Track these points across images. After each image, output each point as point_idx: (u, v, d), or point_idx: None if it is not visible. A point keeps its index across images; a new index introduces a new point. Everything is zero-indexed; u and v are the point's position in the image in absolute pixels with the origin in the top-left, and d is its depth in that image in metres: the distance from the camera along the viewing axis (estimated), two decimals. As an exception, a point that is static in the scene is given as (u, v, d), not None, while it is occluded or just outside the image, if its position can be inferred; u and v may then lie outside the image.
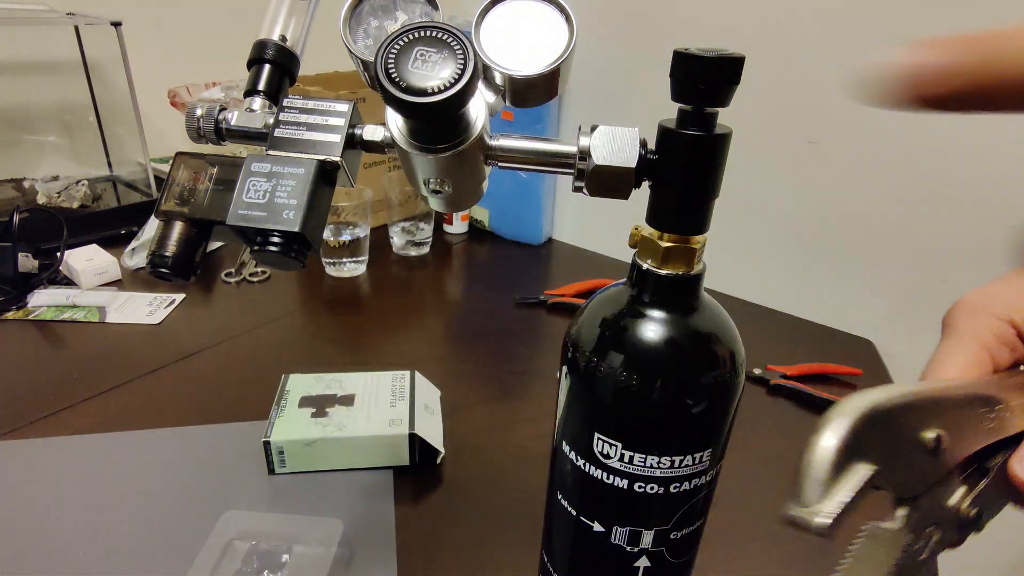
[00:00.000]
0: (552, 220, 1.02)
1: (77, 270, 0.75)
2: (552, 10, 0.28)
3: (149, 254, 0.29)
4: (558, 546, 0.33)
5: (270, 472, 0.50)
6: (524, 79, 0.27)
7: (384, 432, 0.49)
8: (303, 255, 0.29)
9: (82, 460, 0.50)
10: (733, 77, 0.23)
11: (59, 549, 0.43)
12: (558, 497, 0.31)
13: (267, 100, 0.32)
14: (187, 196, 0.30)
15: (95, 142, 1.00)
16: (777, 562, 0.45)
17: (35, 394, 0.58)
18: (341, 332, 0.73)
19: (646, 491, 0.27)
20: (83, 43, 0.94)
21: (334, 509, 0.47)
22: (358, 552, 0.43)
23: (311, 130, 0.30)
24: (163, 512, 0.46)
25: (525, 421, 0.58)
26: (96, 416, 0.56)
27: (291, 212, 0.28)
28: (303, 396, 0.53)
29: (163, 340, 0.68)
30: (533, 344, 0.72)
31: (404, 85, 0.23)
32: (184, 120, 0.32)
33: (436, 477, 0.51)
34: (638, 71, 0.86)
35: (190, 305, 0.75)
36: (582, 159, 0.27)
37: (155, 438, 0.53)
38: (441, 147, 0.27)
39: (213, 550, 0.41)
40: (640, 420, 0.26)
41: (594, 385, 0.27)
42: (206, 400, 0.59)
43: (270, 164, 0.29)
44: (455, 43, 0.24)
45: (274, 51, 0.33)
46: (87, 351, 0.65)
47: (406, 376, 0.56)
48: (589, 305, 0.29)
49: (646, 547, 0.29)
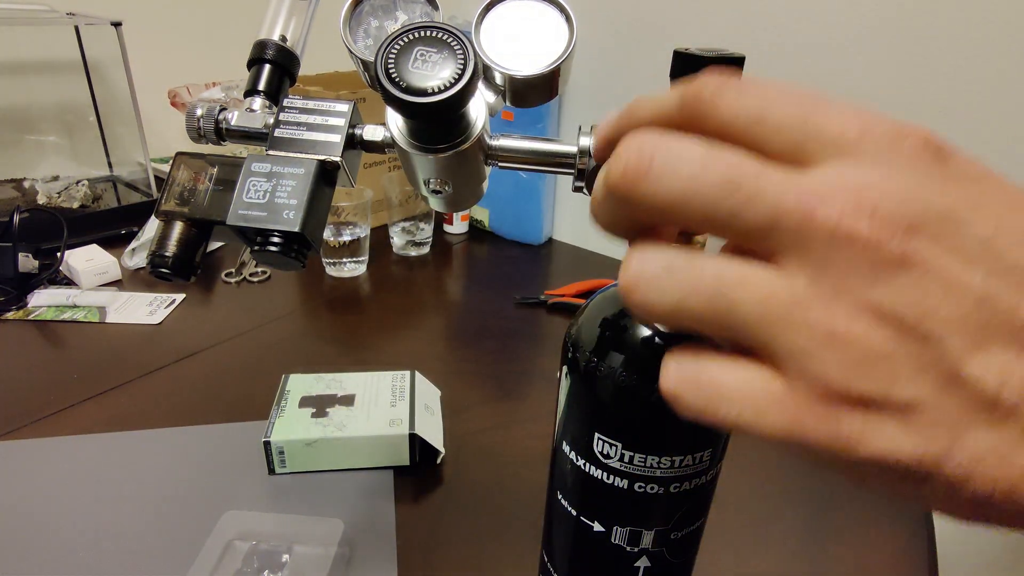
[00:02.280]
0: (552, 220, 1.02)
1: (77, 270, 0.75)
2: (552, 10, 0.28)
3: (149, 254, 0.29)
4: (558, 546, 0.33)
5: (270, 472, 0.50)
6: (524, 79, 0.27)
7: (384, 432, 0.49)
8: (303, 255, 0.29)
9: (82, 460, 0.50)
10: (733, 77, 0.23)
11: (59, 549, 0.43)
12: (558, 497, 0.31)
13: (267, 100, 0.32)
14: (187, 196, 0.30)
15: (95, 142, 1.00)
16: (777, 562, 0.45)
17: (35, 394, 0.58)
18: (341, 332, 0.73)
19: (646, 491, 0.27)
20: (83, 43, 0.94)
21: (334, 509, 0.47)
22: (358, 552, 0.43)
23: (311, 130, 0.30)
24: (163, 512, 0.46)
25: (525, 421, 0.58)
26: (96, 416, 0.56)
27: (291, 212, 0.28)
28: (303, 396, 0.53)
29: (163, 340, 0.68)
30: (533, 344, 0.72)
31: (404, 85, 0.23)
32: (184, 120, 0.32)
33: (436, 477, 0.51)
34: (638, 71, 0.86)
35: (190, 305, 0.75)
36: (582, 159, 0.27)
37: (155, 438, 0.53)
38: (441, 147, 0.27)
39: (213, 550, 0.41)
40: (640, 420, 0.26)
41: (594, 385, 0.27)
42: (206, 400, 0.59)
43: (270, 164, 0.29)
44: (455, 43, 0.24)
45: (274, 51, 0.33)
46: (87, 351, 0.65)
47: (406, 376, 0.56)
48: (589, 305, 0.29)
49: (646, 547, 0.29)
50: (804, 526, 0.48)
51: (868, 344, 0.13)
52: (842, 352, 0.14)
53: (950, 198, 0.14)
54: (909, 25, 0.65)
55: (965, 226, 0.14)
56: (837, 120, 0.15)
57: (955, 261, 0.13)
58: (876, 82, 0.68)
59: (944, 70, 0.64)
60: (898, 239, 0.13)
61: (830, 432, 0.14)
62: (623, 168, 0.15)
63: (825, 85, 0.72)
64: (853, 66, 0.69)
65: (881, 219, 0.13)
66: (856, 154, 0.14)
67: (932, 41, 0.64)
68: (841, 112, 0.15)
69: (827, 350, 0.14)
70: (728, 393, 0.15)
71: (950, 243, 0.13)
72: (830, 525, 0.48)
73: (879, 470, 0.14)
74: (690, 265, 0.15)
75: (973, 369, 0.13)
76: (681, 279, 0.15)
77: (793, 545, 0.46)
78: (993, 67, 0.62)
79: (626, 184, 0.15)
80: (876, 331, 0.13)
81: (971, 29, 0.62)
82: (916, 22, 0.64)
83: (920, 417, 0.13)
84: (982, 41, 0.62)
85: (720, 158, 0.15)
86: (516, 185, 0.95)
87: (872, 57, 0.68)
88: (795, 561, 0.45)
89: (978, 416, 0.13)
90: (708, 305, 0.15)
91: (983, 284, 0.13)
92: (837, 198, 0.14)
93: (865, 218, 0.13)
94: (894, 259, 0.13)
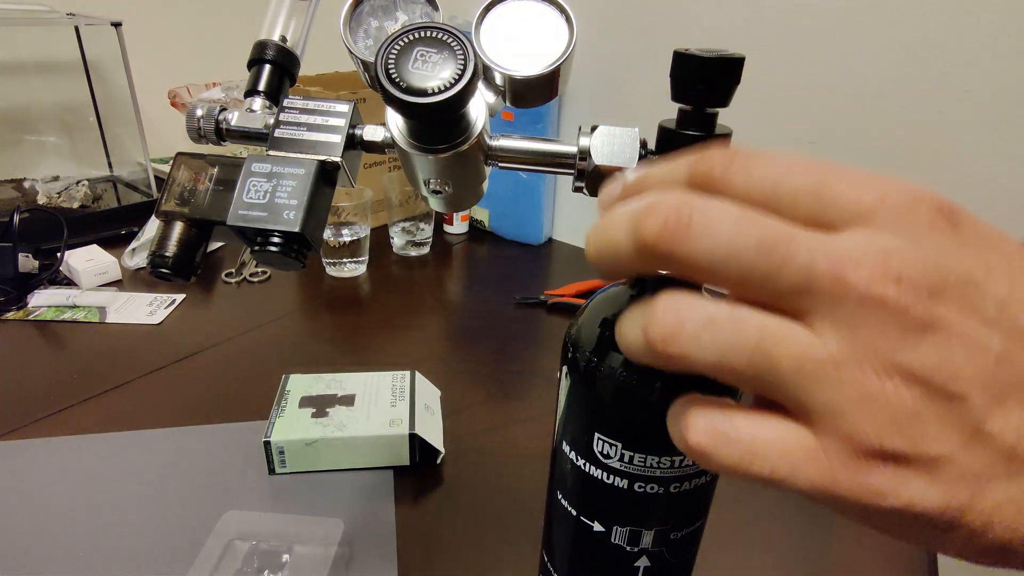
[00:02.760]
0: (552, 220, 1.02)
1: (77, 270, 0.75)
2: (552, 10, 0.28)
3: (149, 254, 0.29)
4: (558, 546, 0.33)
5: (270, 472, 0.50)
6: (524, 79, 0.28)
7: (384, 432, 0.49)
8: (303, 255, 0.29)
9: (82, 460, 0.50)
10: (733, 77, 0.23)
11: (59, 549, 0.43)
12: (558, 497, 0.31)
13: (267, 100, 0.33)
14: (187, 196, 0.30)
15: (95, 142, 1.00)
16: (777, 562, 0.45)
17: (35, 394, 0.58)
18: (341, 332, 0.73)
19: (646, 491, 0.27)
20: (83, 43, 0.94)
21: (334, 509, 0.47)
22: (358, 552, 0.43)
23: (311, 130, 0.30)
24: (163, 512, 0.46)
25: (525, 421, 0.58)
26: (96, 416, 0.56)
27: (291, 212, 0.28)
28: (303, 396, 0.53)
29: (163, 340, 0.68)
30: (533, 344, 0.72)
31: (404, 85, 0.23)
32: (184, 120, 0.32)
33: (436, 477, 0.51)
34: (638, 71, 0.86)
35: (190, 305, 0.75)
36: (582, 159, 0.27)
37: (155, 438, 0.53)
38: (441, 147, 0.27)
39: (213, 550, 0.41)
40: (640, 420, 0.26)
41: (594, 385, 0.27)
42: (206, 400, 0.59)
43: (270, 164, 0.29)
44: (455, 43, 0.24)
45: (274, 51, 0.33)
46: (87, 351, 0.65)
47: (406, 376, 0.56)
48: (589, 305, 0.29)
49: (646, 547, 0.29)
50: (804, 526, 0.48)
51: (899, 403, 0.14)
52: (875, 410, 0.14)
53: (967, 263, 0.15)
54: (910, 25, 0.65)
55: (982, 289, 0.14)
56: (852, 189, 0.15)
57: (975, 324, 0.14)
58: (877, 81, 0.68)
59: (945, 70, 0.64)
60: (923, 304, 0.14)
61: (861, 485, 0.15)
62: (662, 225, 0.15)
63: (825, 85, 0.72)
64: (853, 66, 0.69)
65: (907, 285, 0.14)
66: (875, 221, 0.15)
67: (932, 40, 0.64)
68: (853, 180, 0.15)
69: (861, 408, 0.14)
70: (762, 449, 0.15)
71: (969, 306, 0.14)
72: (830, 525, 0.48)
73: (906, 520, 0.15)
74: (733, 320, 0.15)
75: (994, 425, 0.14)
76: (725, 335, 0.15)
77: (793, 545, 0.46)
78: (994, 66, 0.62)
79: (664, 241, 0.15)
80: (906, 391, 0.14)
81: (971, 28, 0.62)
82: (918, 22, 0.64)
83: (946, 470, 0.14)
84: (982, 40, 0.62)
85: (756, 219, 0.15)
86: (516, 185, 0.95)
87: (874, 57, 0.68)
88: (795, 561, 0.45)
89: (998, 469, 0.14)
90: (750, 362, 0.15)
91: (1001, 345, 0.14)
92: (866, 263, 0.14)
93: (892, 283, 0.14)
94: (921, 323, 0.14)
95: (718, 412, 0.16)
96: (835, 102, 0.72)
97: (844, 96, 0.71)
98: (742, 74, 0.23)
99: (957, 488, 0.14)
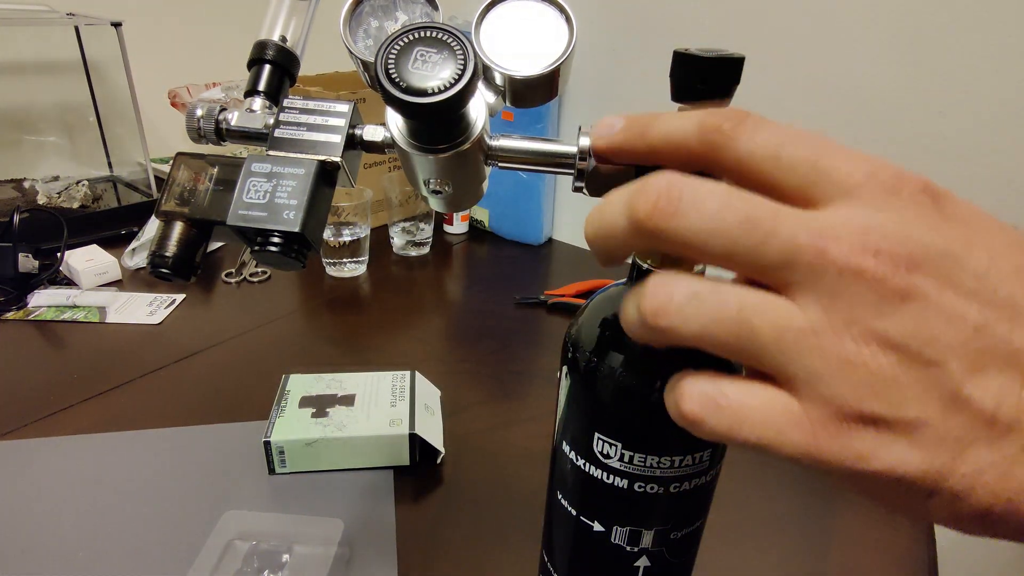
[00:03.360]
0: (552, 220, 1.02)
1: (77, 270, 0.75)
2: (552, 10, 0.28)
3: (149, 254, 0.29)
4: (558, 546, 0.33)
5: (270, 472, 0.50)
6: (524, 79, 0.27)
7: (384, 432, 0.49)
8: (303, 255, 0.29)
9: (82, 460, 0.51)
10: (733, 77, 0.23)
11: (59, 549, 0.43)
12: (558, 497, 0.31)
13: (267, 100, 0.32)
14: (187, 196, 0.30)
15: (95, 142, 1.00)
16: (777, 562, 0.45)
17: (35, 394, 0.58)
18: (341, 332, 0.73)
19: (646, 491, 0.27)
20: (83, 43, 0.94)
21: (334, 509, 0.47)
22: (358, 552, 0.43)
23: (311, 130, 0.30)
24: (163, 512, 0.46)
25: (525, 421, 0.58)
26: (96, 416, 0.56)
27: (291, 212, 0.28)
28: (303, 396, 0.53)
29: (163, 340, 0.68)
30: (533, 344, 0.72)
31: (404, 85, 0.23)
32: (184, 120, 0.32)
33: (436, 477, 0.51)
34: (638, 71, 0.86)
35: (190, 305, 0.75)
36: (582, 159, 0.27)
37: (155, 438, 0.53)
38: (441, 147, 0.27)
39: (213, 550, 0.41)
40: (640, 420, 0.26)
41: (594, 385, 0.27)
42: (206, 400, 0.59)
43: (270, 164, 0.29)
44: (455, 43, 0.24)
45: (274, 51, 0.33)
46: (87, 351, 0.65)
47: (406, 376, 0.56)
48: (589, 305, 0.29)
49: (646, 547, 0.29)
50: (804, 526, 0.48)
51: (877, 368, 0.15)
52: (853, 375, 0.15)
53: (947, 237, 0.15)
54: (910, 25, 0.65)
55: (961, 262, 0.15)
56: (845, 164, 0.16)
57: (953, 294, 0.15)
58: (876, 81, 0.68)
59: (944, 69, 0.64)
60: (901, 275, 0.15)
61: (844, 449, 0.15)
62: (653, 203, 0.16)
63: (825, 85, 0.72)
64: (853, 66, 0.69)
65: (886, 256, 0.15)
66: (862, 197, 0.16)
67: (933, 41, 0.64)
68: (849, 156, 0.16)
69: (840, 374, 0.15)
70: (750, 415, 0.16)
71: (948, 278, 0.15)
72: (830, 526, 0.48)
73: (888, 484, 0.15)
74: (715, 293, 0.16)
75: (972, 390, 0.14)
76: (708, 307, 0.16)
77: (793, 545, 0.46)
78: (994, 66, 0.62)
79: (655, 219, 0.16)
80: (883, 357, 0.15)
81: (971, 28, 0.62)
82: (919, 23, 0.64)
83: (925, 434, 0.15)
84: (982, 40, 0.62)
85: (741, 197, 0.16)
86: (516, 185, 0.95)
87: (874, 57, 0.68)
88: (795, 561, 0.45)
89: (978, 433, 0.14)
90: (731, 332, 0.16)
91: (979, 314, 0.14)
92: (845, 237, 0.15)
93: (871, 255, 0.15)
94: (898, 292, 0.15)
95: (709, 381, 0.17)
96: (835, 102, 0.72)
97: (844, 96, 0.71)
98: (742, 74, 0.23)
99: (938, 452, 0.15)
